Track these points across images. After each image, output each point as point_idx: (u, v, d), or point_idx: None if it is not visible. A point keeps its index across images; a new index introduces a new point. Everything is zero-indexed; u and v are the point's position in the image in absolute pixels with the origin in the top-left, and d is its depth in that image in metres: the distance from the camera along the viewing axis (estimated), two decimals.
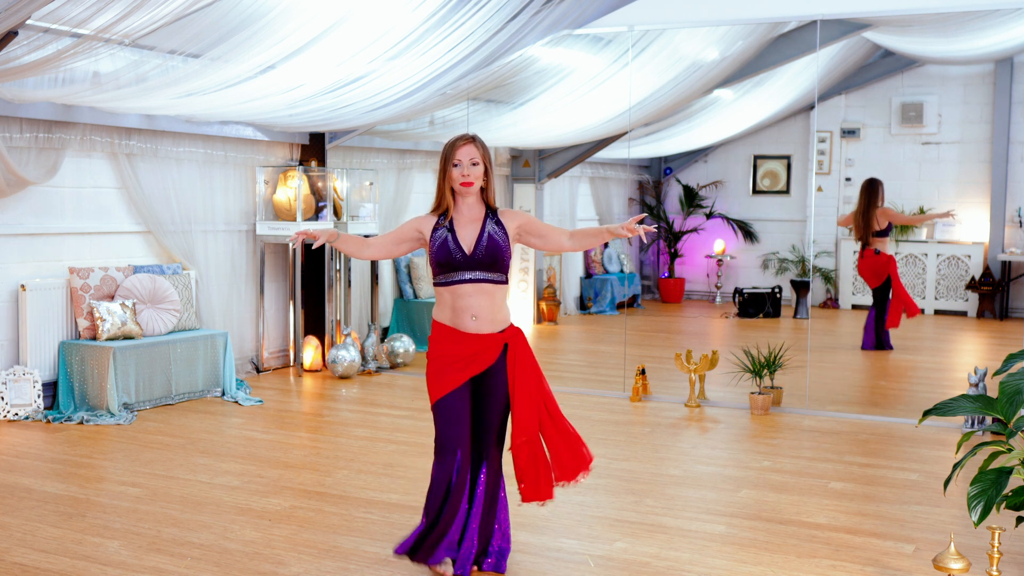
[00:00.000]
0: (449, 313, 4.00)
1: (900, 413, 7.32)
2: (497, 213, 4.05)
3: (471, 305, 3.96)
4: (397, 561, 4.25)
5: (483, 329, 3.98)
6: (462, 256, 3.95)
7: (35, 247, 7.15)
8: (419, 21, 7.00)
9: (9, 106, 6.61)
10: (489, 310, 3.98)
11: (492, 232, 3.99)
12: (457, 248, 3.96)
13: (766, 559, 4.32)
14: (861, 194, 9.96)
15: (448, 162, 3.99)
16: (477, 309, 3.96)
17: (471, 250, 3.96)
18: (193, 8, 5.73)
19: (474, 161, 3.97)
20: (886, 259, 9.91)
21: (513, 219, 4.07)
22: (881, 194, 9.92)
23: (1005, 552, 4.28)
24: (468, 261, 3.96)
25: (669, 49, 9.35)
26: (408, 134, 9.89)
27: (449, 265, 3.96)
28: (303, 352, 8.84)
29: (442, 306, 4.03)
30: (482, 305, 3.97)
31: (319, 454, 6.07)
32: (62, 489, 5.28)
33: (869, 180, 9.98)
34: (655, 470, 5.74)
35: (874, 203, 9.86)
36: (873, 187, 9.91)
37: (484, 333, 3.98)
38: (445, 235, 3.99)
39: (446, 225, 4.01)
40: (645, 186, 13.86)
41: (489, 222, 4.01)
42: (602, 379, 8.55)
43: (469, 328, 3.98)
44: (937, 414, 3.88)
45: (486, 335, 3.98)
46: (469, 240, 3.98)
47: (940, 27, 9.72)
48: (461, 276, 3.96)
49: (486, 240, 3.97)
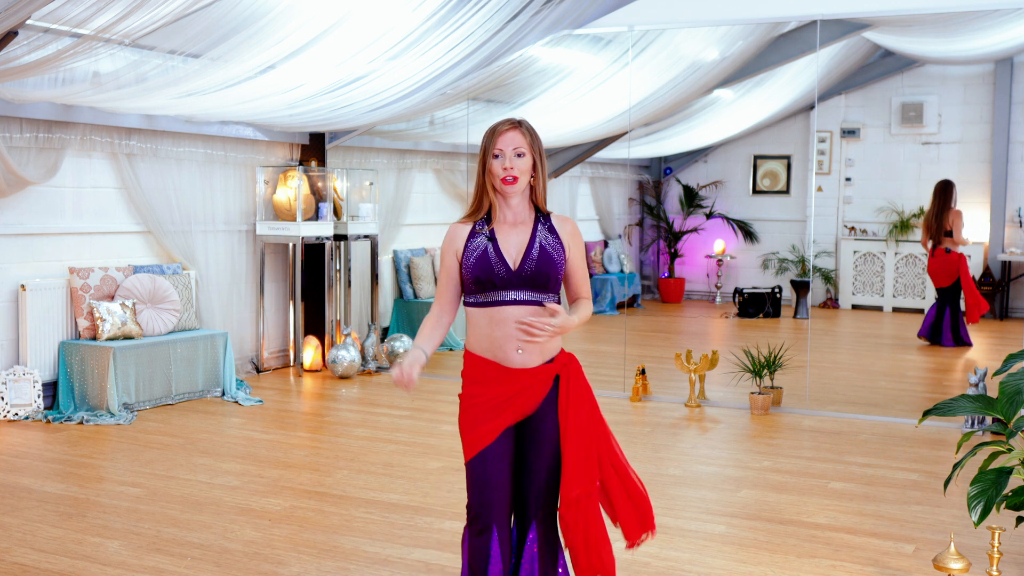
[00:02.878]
0: (487, 343, 3.16)
1: (900, 413, 7.32)
2: (551, 218, 3.23)
3: (516, 333, 3.12)
4: (397, 561, 4.25)
5: (531, 362, 3.15)
6: (506, 272, 3.12)
7: (35, 247, 7.15)
8: (419, 21, 7.00)
9: (9, 106, 6.61)
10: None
11: (544, 242, 3.17)
12: (500, 261, 3.12)
13: (766, 559, 4.32)
14: (935, 195, 10.09)
15: (488, 153, 3.15)
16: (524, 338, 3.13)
17: (517, 265, 3.13)
18: (193, 8, 5.73)
19: (519, 152, 3.13)
20: (957, 258, 10.02)
21: (567, 231, 3.24)
22: (954, 196, 10.07)
23: (1005, 552, 4.28)
24: (513, 278, 3.12)
25: (669, 49, 9.35)
26: (408, 134, 9.89)
27: (489, 283, 3.12)
28: (303, 352, 8.84)
29: (476, 334, 3.18)
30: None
31: (319, 454, 6.07)
32: (62, 489, 5.28)
33: (944, 182, 10.13)
34: (655, 470, 5.74)
35: (948, 204, 10.01)
36: (947, 189, 10.07)
37: (531, 367, 3.16)
38: (484, 245, 3.14)
39: (486, 232, 3.17)
40: (645, 186, 13.87)
41: (541, 228, 3.19)
42: (602, 379, 8.55)
43: (514, 362, 3.14)
44: (937, 414, 3.88)
45: (532, 369, 3.16)
46: (515, 252, 3.14)
47: (940, 27, 9.73)
48: (503, 296, 3.13)
49: (537, 252, 3.14)
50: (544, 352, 3.17)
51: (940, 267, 10.08)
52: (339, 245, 9.05)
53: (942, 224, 10.02)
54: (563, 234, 3.21)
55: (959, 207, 10.22)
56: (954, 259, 10.01)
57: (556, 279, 3.17)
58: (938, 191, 10.10)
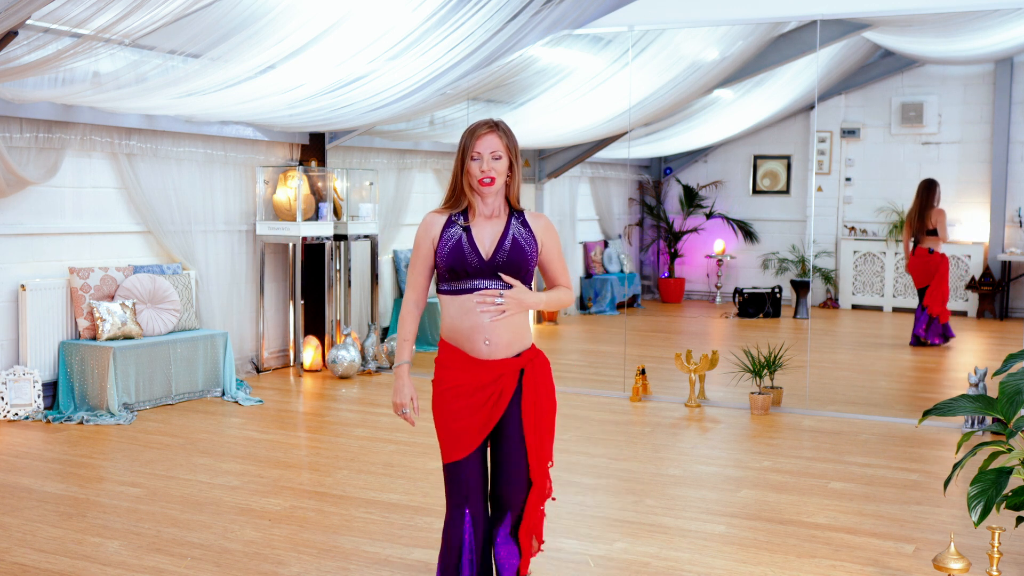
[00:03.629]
0: (456, 333, 3.30)
1: (900, 413, 7.32)
2: (524, 214, 3.39)
3: (484, 325, 3.26)
4: (397, 561, 4.25)
5: (497, 355, 3.29)
6: (478, 261, 3.26)
7: (35, 247, 7.15)
8: (419, 21, 7.00)
9: (9, 106, 6.61)
10: (508, 331, 3.29)
11: (517, 234, 3.32)
12: (473, 251, 3.26)
13: (766, 559, 4.32)
14: (918, 193, 10.04)
15: (466, 154, 3.30)
16: (491, 331, 3.26)
17: (490, 255, 3.27)
18: (193, 8, 5.73)
19: (496, 155, 3.29)
20: (939, 258, 10.00)
21: (540, 226, 3.40)
22: (938, 194, 10.02)
23: (1005, 552, 4.28)
24: (485, 267, 3.26)
25: (669, 49, 9.35)
26: (408, 134, 9.89)
27: (463, 271, 3.27)
28: (303, 352, 8.84)
29: (448, 322, 3.32)
30: (498, 325, 3.27)
31: (319, 454, 6.07)
32: (62, 489, 5.28)
33: (928, 180, 10.09)
34: (655, 470, 5.74)
35: (931, 203, 9.96)
36: (931, 187, 10.02)
37: (498, 359, 3.30)
38: (459, 234, 3.29)
39: (461, 223, 3.32)
40: (645, 186, 13.87)
41: (515, 223, 3.34)
42: (602, 379, 8.55)
43: (482, 354, 3.28)
44: (937, 414, 3.88)
45: (500, 360, 3.29)
46: (488, 243, 3.29)
47: (940, 27, 9.73)
48: (474, 284, 3.27)
49: (509, 244, 3.30)
50: (512, 346, 3.30)
51: (921, 266, 10.04)
52: (339, 245, 9.05)
53: (924, 223, 9.97)
54: (536, 229, 3.37)
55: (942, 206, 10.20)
56: (936, 259, 9.99)
57: (528, 270, 3.33)
58: (921, 189, 10.05)
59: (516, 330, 3.31)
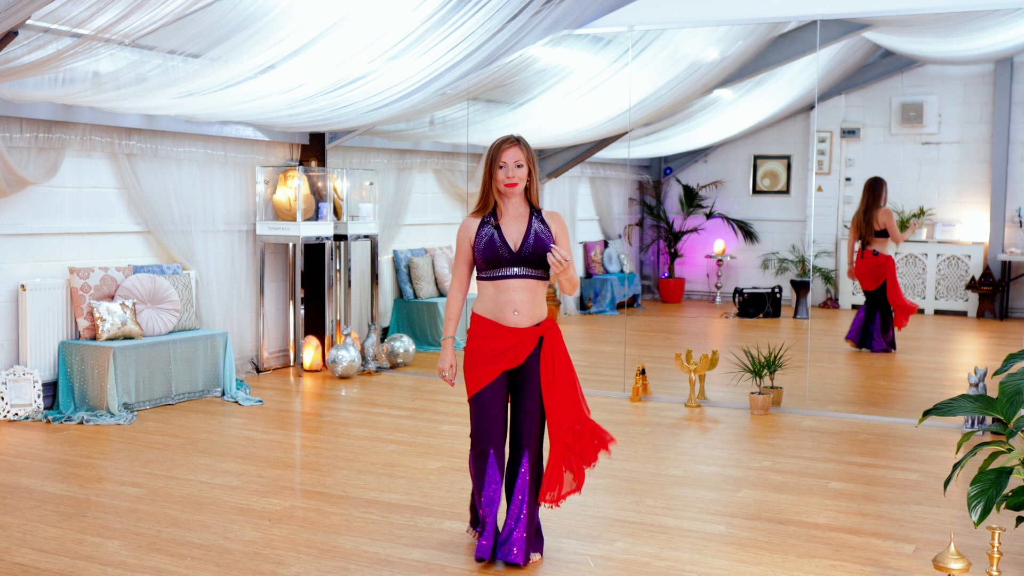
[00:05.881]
0: (491, 306, 4.16)
1: (900, 413, 7.32)
2: (541, 213, 4.20)
3: (514, 300, 4.13)
4: (397, 561, 4.26)
5: (523, 323, 4.14)
6: (508, 253, 4.10)
7: (35, 247, 7.15)
8: (419, 21, 7.00)
9: (9, 106, 6.61)
10: (531, 305, 4.15)
11: (538, 231, 4.14)
12: (504, 245, 4.11)
13: (766, 559, 4.33)
14: (864, 192, 9.75)
15: (494, 164, 4.13)
16: (520, 304, 4.14)
17: (517, 247, 4.11)
18: (193, 8, 5.72)
19: (519, 163, 4.12)
20: (884, 260, 9.73)
21: (555, 223, 4.20)
22: (884, 194, 9.71)
23: (1005, 552, 4.28)
24: (514, 257, 4.11)
25: (669, 49, 9.35)
26: (408, 134, 9.89)
27: (496, 261, 4.11)
28: (303, 352, 8.84)
29: (484, 300, 4.18)
30: (524, 300, 4.14)
31: (319, 454, 6.07)
32: (62, 489, 5.28)
33: (873, 179, 9.78)
34: (655, 470, 5.74)
35: (876, 202, 9.64)
36: (876, 186, 9.70)
37: (523, 327, 4.14)
38: (491, 232, 4.14)
39: (492, 223, 4.16)
40: (645, 186, 13.87)
41: (535, 220, 4.16)
42: (602, 379, 8.55)
43: (510, 322, 4.14)
44: (937, 414, 3.88)
45: (524, 328, 4.14)
46: (516, 237, 4.13)
47: (940, 27, 9.72)
48: (507, 272, 4.12)
49: (533, 238, 4.12)
50: (533, 317, 4.17)
51: (867, 269, 9.72)
52: (339, 245, 9.05)
53: (871, 224, 9.64)
54: (552, 225, 4.20)
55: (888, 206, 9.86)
56: (881, 261, 9.67)
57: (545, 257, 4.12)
58: (866, 189, 9.69)
59: (537, 304, 4.18)
